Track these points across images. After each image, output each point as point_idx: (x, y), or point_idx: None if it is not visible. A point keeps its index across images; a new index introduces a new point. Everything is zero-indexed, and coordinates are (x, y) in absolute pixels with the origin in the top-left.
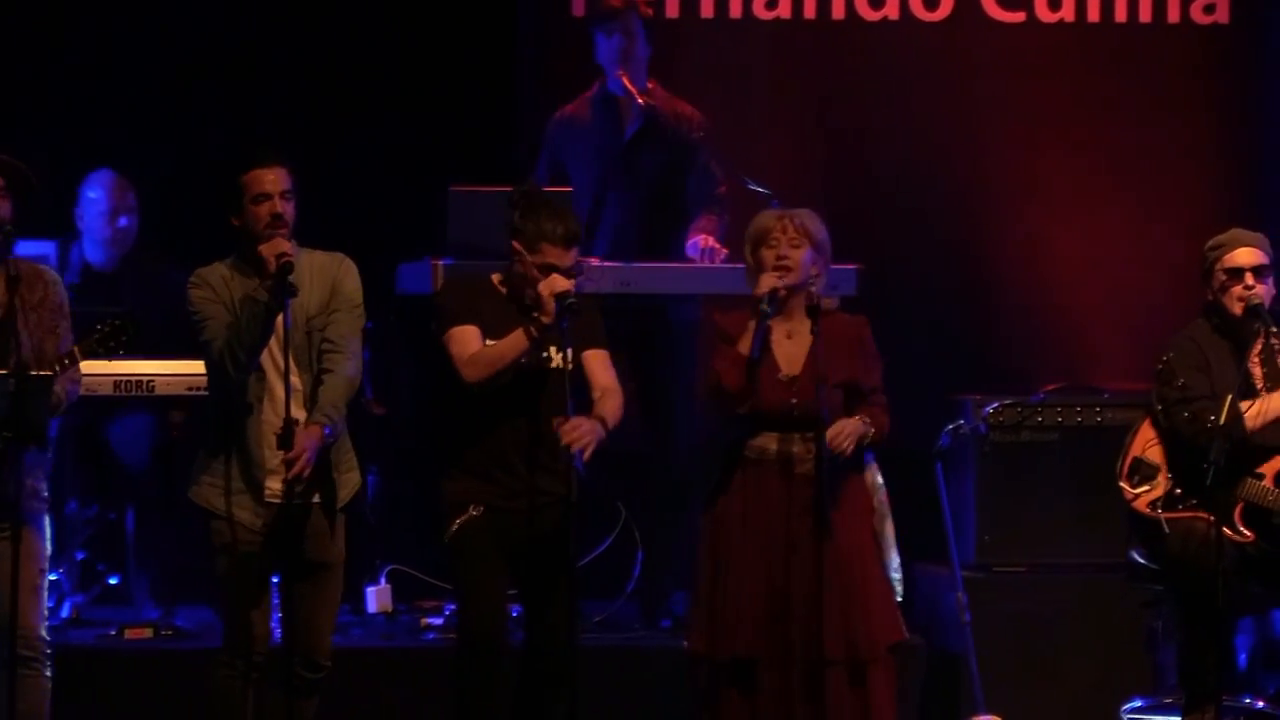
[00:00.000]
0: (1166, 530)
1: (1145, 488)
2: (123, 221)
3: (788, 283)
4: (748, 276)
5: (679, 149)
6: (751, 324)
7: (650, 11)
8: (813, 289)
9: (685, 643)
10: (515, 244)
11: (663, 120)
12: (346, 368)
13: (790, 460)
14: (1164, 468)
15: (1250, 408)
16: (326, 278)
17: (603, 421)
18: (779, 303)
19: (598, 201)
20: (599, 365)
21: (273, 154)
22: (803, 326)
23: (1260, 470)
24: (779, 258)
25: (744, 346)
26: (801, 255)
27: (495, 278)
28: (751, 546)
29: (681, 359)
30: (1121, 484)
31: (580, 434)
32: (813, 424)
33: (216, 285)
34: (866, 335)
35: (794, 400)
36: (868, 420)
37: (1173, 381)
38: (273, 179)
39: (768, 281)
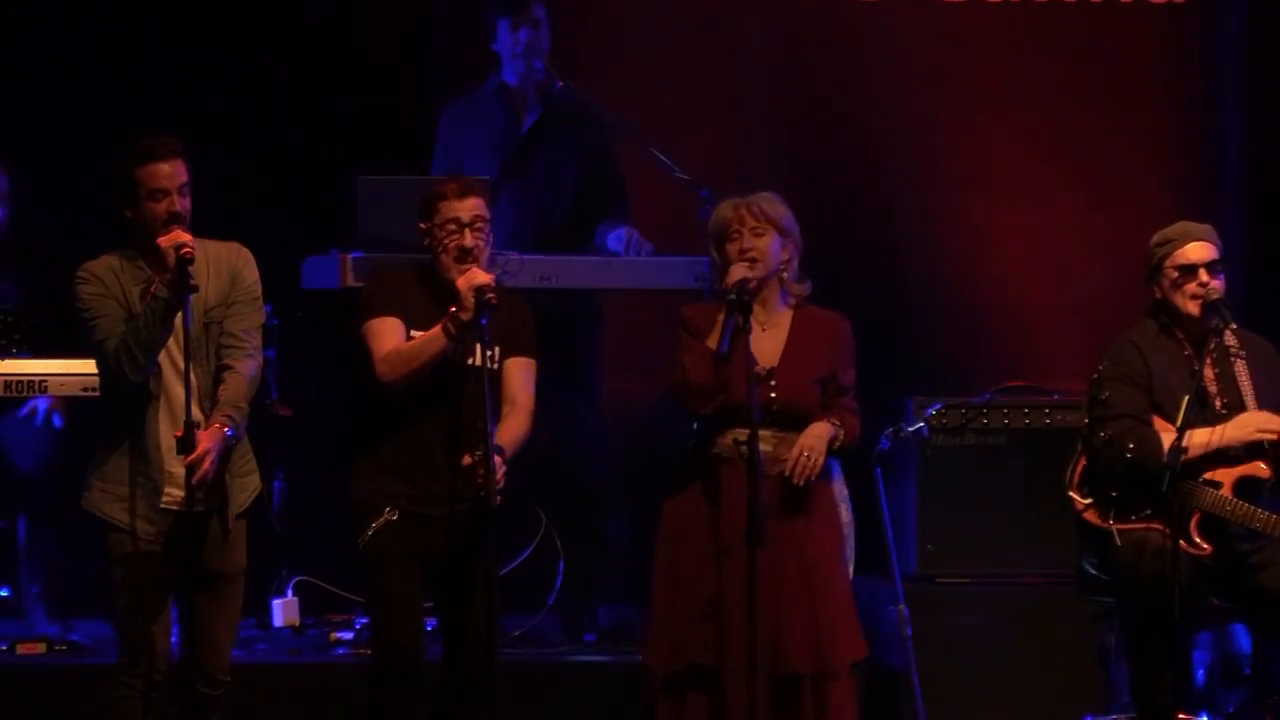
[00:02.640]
0: (1118, 542)
1: (1087, 499)
2: None
3: (757, 274)
4: (714, 273)
5: (585, 144)
6: (720, 319)
7: None
8: (785, 275)
9: (640, 655)
10: (421, 225)
11: (571, 113)
12: (248, 365)
13: (759, 458)
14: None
15: (1199, 437)
16: (224, 268)
17: (501, 454)
18: (749, 294)
19: (494, 194)
20: (518, 375)
21: (169, 146)
22: (779, 318)
23: (1216, 479)
24: (743, 250)
25: (713, 341)
26: (768, 243)
27: (422, 270)
28: (715, 550)
29: (592, 358)
30: (1071, 494)
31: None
32: (791, 421)
33: (108, 280)
34: (846, 331)
35: (773, 395)
36: (836, 423)
37: (1099, 395)
38: (169, 172)
39: (737, 272)
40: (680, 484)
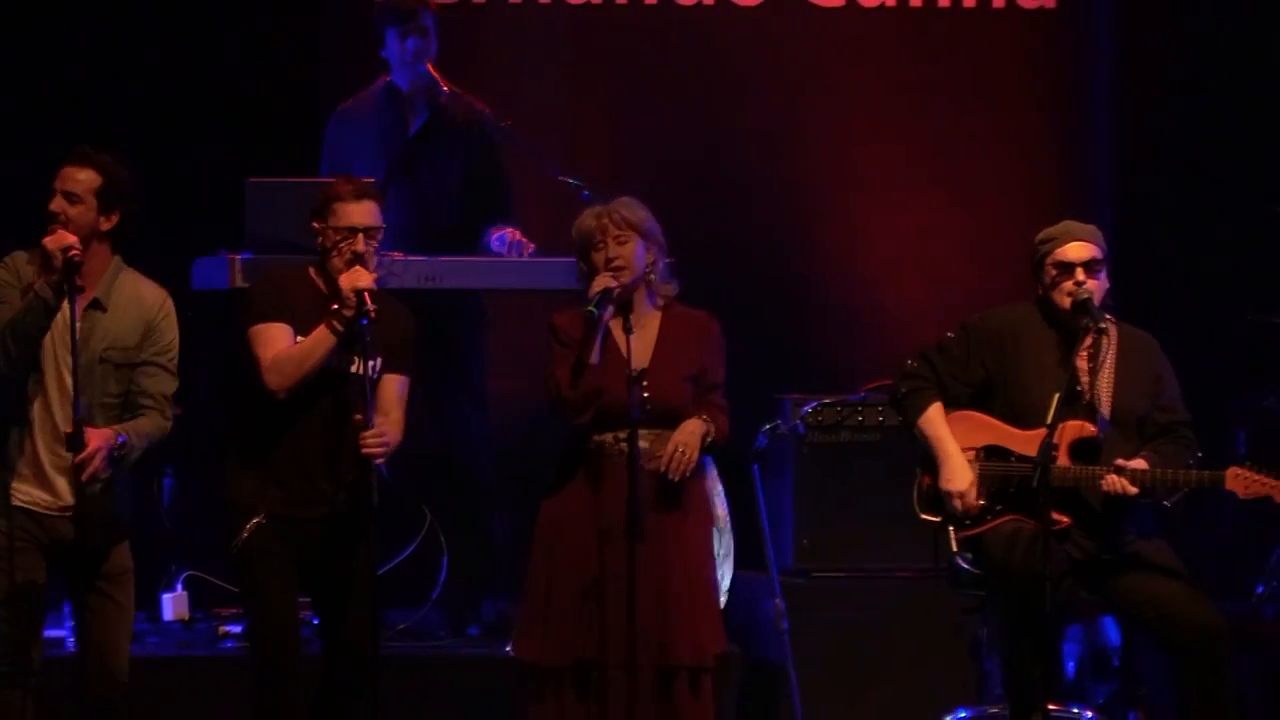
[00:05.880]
0: (955, 549)
1: (940, 516)
2: None
3: (623, 282)
4: (582, 283)
5: (471, 147)
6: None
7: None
8: (652, 276)
9: (511, 649)
10: (314, 224)
11: (457, 117)
12: (161, 422)
13: (638, 456)
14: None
15: (937, 429)
16: (142, 316)
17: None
18: (613, 303)
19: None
20: (392, 391)
21: (79, 154)
22: (648, 319)
23: (1054, 443)
24: (608, 260)
25: (585, 354)
26: (631, 250)
27: (311, 270)
28: (594, 545)
29: (477, 357)
30: (924, 516)
31: (377, 445)
32: (664, 418)
33: (23, 273)
34: (715, 329)
35: (646, 394)
36: (707, 420)
37: (928, 346)
38: (63, 175)
39: (600, 282)
40: (558, 482)
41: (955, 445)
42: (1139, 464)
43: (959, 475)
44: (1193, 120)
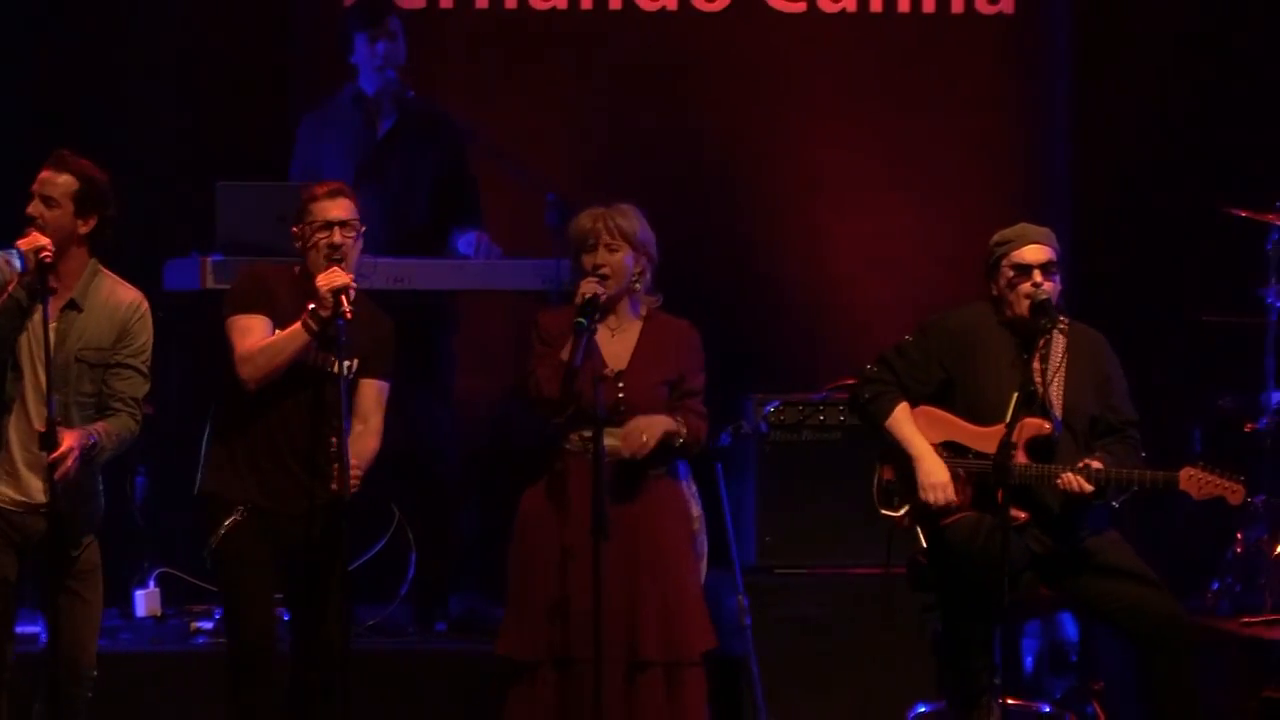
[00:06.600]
0: (924, 545)
1: (898, 512)
2: None
3: (608, 290)
4: (572, 280)
5: (438, 150)
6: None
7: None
8: (638, 286)
9: (497, 646)
10: (294, 229)
11: (424, 120)
12: (130, 424)
13: (603, 455)
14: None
15: (904, 435)
16: (116, 318)
17: (356, 463)
18: (598, 310)
19: None
20: (371, 397)
21: (55, 157)
22: (629, 325)
23: (1013, 441)
24: (596, 266)
25: (566, 353)
26: (621, 259)
27: (296, 268)
28: (565, 542)
29: (446, 356)
30: (884, 512)
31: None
32: None
33: (3, 273)
34: (695, 337)
35: (621, 395)
36: (679, 419)
37: (887, 350)
38: (41, 178)
39: (586, 288)
40: (534, 479)
41: (925, 442)
42: (1095, 465)
43: (937, 469)
44: (1149, 124)
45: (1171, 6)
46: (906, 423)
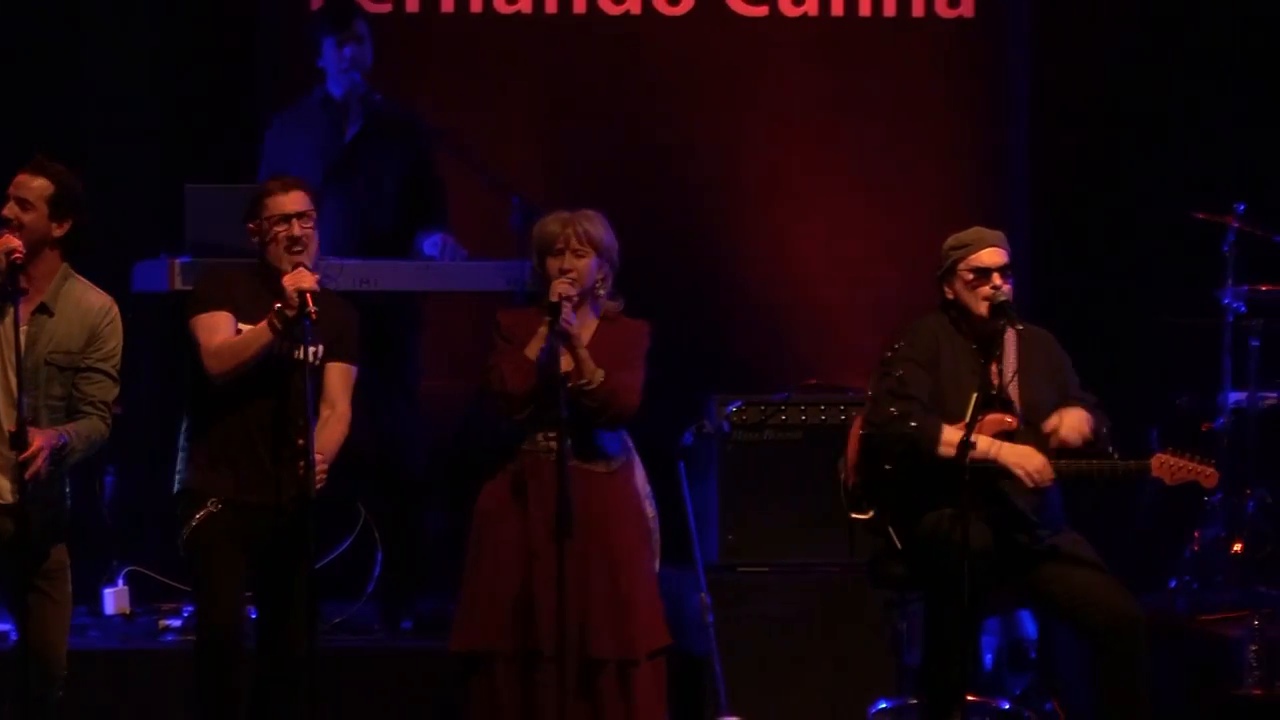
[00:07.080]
0: (899, 546)
1: (867, 514)
2: None
3: (574, 292)
4: (534, 281)
5: (405, 152)
6: (541, 330)
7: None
8: (600, 292)
9: (450, 643)
10: (249, 225)
11: (391, 123)
12: (100, 427)
13: (567, 455)
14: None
15: (982, 444)
16: (86, 319)
17: (322, 457)
18: (574, 309)
19: (319, 201)
20: (338, 380)
21: (34, 162)
22: (587, 326)
23: (971, 440)
24: (563, 270)
25: (531, 351)
26: (586, 264)
27: (251, 269)
28: (524, 541)
29: (411, 357)
30: (854, 515)
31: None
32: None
33: None
34: (643, 331)
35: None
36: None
37: (892, 371)
38: (16, 181)
39: (559, 289)
40: (493, 478)
41: (995, 443)
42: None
43: (1027, 456)
44: (1107, 127)
45: (1130, 10)
46: (959, 431)
